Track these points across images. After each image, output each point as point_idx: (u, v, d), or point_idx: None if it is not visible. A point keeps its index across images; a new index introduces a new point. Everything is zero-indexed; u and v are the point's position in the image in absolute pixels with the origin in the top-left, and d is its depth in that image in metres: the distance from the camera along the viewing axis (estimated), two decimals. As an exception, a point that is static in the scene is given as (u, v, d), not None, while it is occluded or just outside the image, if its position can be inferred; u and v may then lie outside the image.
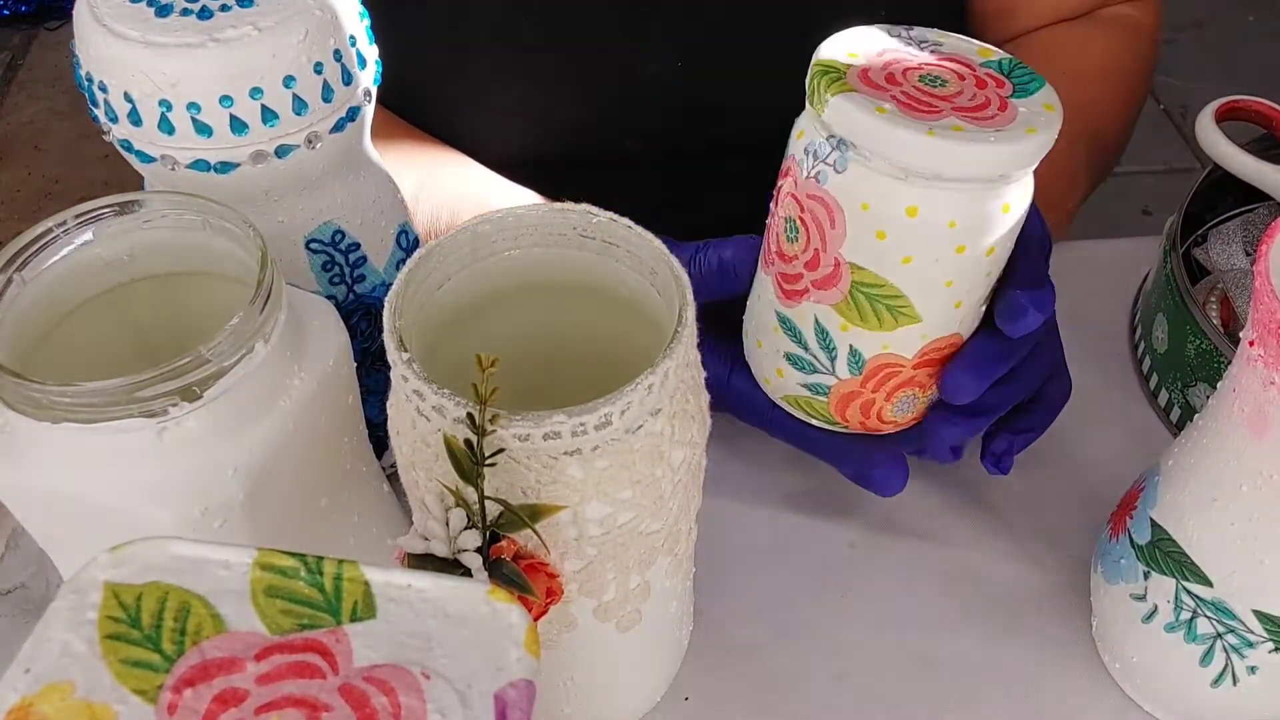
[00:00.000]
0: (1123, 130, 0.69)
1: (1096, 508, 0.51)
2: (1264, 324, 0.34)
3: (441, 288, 0.37)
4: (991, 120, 0.38)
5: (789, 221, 0.41)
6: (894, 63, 0.40)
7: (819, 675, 0.47)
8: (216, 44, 0.37)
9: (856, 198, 0.39)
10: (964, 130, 0.37)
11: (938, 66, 0.40)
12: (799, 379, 0.45)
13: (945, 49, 0.42)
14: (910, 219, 0.38)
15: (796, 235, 0.41)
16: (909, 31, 0.42)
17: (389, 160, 0.47)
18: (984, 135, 0.37)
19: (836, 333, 0.42)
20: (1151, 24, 0.71)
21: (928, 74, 0.39)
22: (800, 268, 0.41)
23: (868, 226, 0.39)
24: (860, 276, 0.40)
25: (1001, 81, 0.40)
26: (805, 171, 0.40)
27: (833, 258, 0.40)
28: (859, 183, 0.38)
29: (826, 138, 0.39)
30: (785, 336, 0.44)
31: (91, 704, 0.22)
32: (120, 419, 0.33)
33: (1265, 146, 0.60)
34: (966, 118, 0.37)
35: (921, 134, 0.36)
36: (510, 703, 0.22)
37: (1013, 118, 0.38)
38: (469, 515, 0.32)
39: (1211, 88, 0.98)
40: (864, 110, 0.37)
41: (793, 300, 0.43)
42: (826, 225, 0.40)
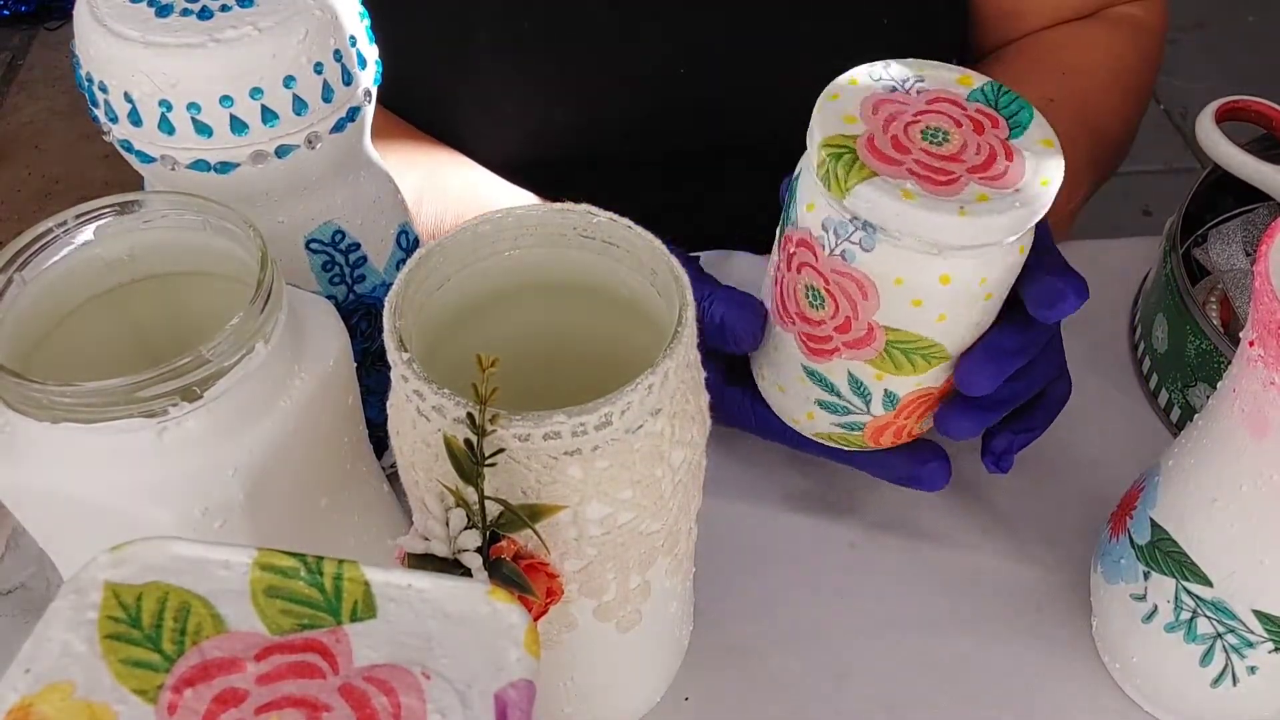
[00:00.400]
0: (1126, 130, 0.69)
1: (1096, 508, 0.51)
2: (1264, 324, 0.34)
3: (441, 288, 0.37)
4: (1005, 177, 0.38)
5: (812, 290, 0.41)
6: (892, 120, 0.39)
7: (819, 675, 0.47)
8: (216, 44, 0.37)
9: (889, 275, 0.39)
10: (989, 200, 0.37)
11: (933, 114, 0.40)
12: (832, 420, 0.45)
13: (928, 84, 0.41)
14: (944, 286, 0.39)
15: (823, 304, 0.41)
16: (887, 70, 0.41)
17: (391, 161, 0.47)
18: (1008, 201, 0.38)
19: (870, 381, 0.43)
20: (1157, 24, 0.71)
21: (928, 128, 0.39)
22: (830, 330, 0.42)
23: (902, 297, 0.39)
24: (895, 336, 0.41)
25: (995, 119, 0.40)
26: (828, 249, 0.39)
27: (866, 323, 0.41)
28: (890, 261, 0.39)
29: (850, 219, 0.39)
30: (815, 386, 0.44)
31: (91, 704, 0.22)
32: (120, 419, 0.33)
33: (1265, 146, 0.60)
34: (985, 182, 0.38)
35: (953, 215, 0.37)
36: (510, 703, 0.22)
37: (1022, 170, 0.39)
38: (469, 515, 0.32)
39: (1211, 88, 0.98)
40: (891, 197, 0.37)
41: (822, 358, 0.43)
42: (858, 297, 0.40)
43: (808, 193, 0.40)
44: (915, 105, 0.40)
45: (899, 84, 0.41)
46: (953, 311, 0.40)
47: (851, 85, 0.40)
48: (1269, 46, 2.01)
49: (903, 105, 0.40)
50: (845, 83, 0.41)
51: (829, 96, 0.40)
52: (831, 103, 0.40)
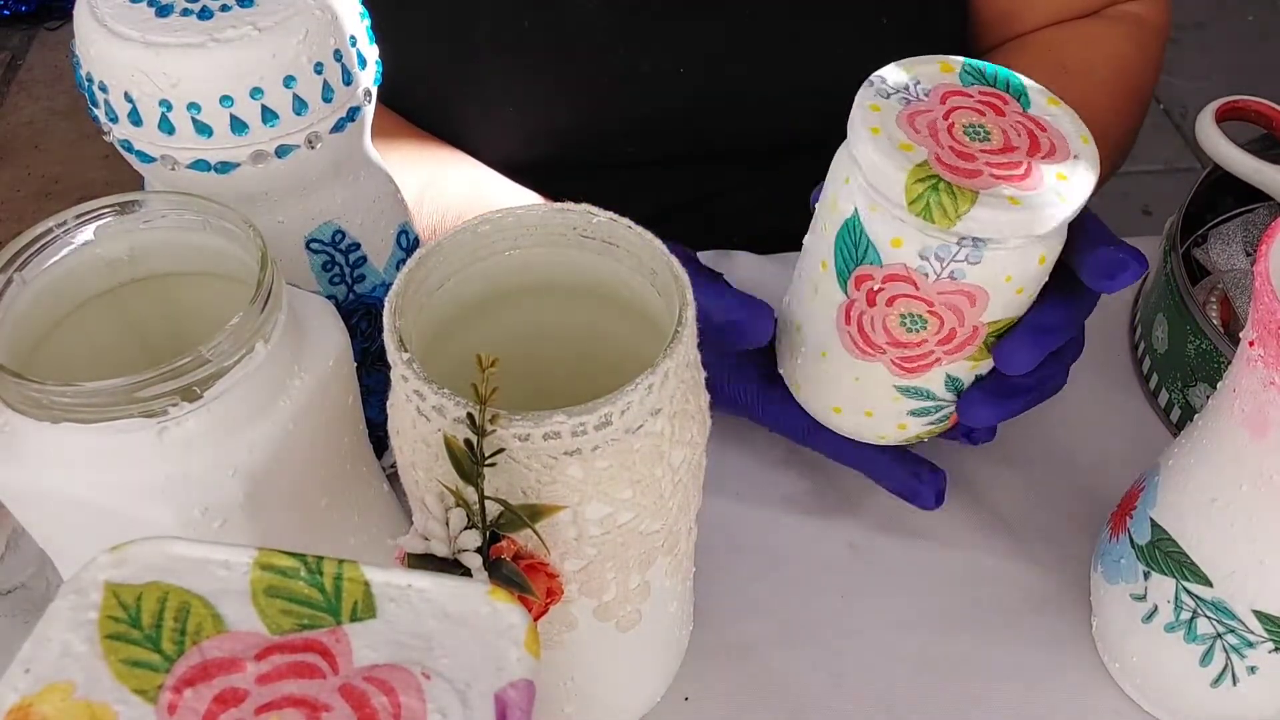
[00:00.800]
0: (1128, 128, 0.68)
1: (1096, 508, 0.51)
2: (1264, 324, 0.34)
3: (441, 288, 0.37)
4: (1056, 150, 0.40)
5: (911, 318, 0.41)
6: (934, 130, 0.39)
7: (819, 675, 0.47)
8: (217, 44, 0.37)
9: (1000, 277, 0.40)
10: (1066, 178, 0.39)
11: (958, 110, 0.40)
12: (924, 422, 0.46)
13: (924, 81, 0.41)
14: (1041, 265, 0.40)
15: (924, 325, 0.41)
16: (885, 84, 0.41)
17: (392, 160, 0.47)
18: (1079, 169, 0.39)
19: (965, 375, 0.44)
20: (1160, 22, 0.71)
21: (968, 126, 0.40)
22: (931, 346, 0.42)
23: (1009, 291, 0.40)
24: (994, 327, 0.42)
25: (1001, 95, 0.41)
26: (933, 275, 0.39)
27: (971, 327, 0.41)
28: (1000, 264, 0.39)
29: (955, 241, 0.39)
30: (909, 400, 0.45)
31: (91, 704, 0.22)
32: (120, 419, 0.33)
33: (1265, 146, 0.60)
34: (1047, 160, 0.39)
35: (1056, 203, 0.38)
36: (510, 703, 0.22)
37: (1063, 136, 0.40)
38: (469, 515, 0.32)
39: (1211, 88, 0.98)
40: (1002, 210, 0.37)
41: (918, 372, 0.43)
42: (966, 308, 0.40)
43: (888, 230, 0.39)
44: (937, 108, 0.40)
45: (905, 93, 0.41)
46: (1040, 284, 0.42)
47: (876, 112, 0.40)
48: (1269, 46, 2.01)
49: (929, 112, 0.40)
50: (869, 111, 0.40)
51: (871, 130, 0.39)
52: (879, 136, 0.39)
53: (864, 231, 0.40)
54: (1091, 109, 0.64)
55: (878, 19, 0.65)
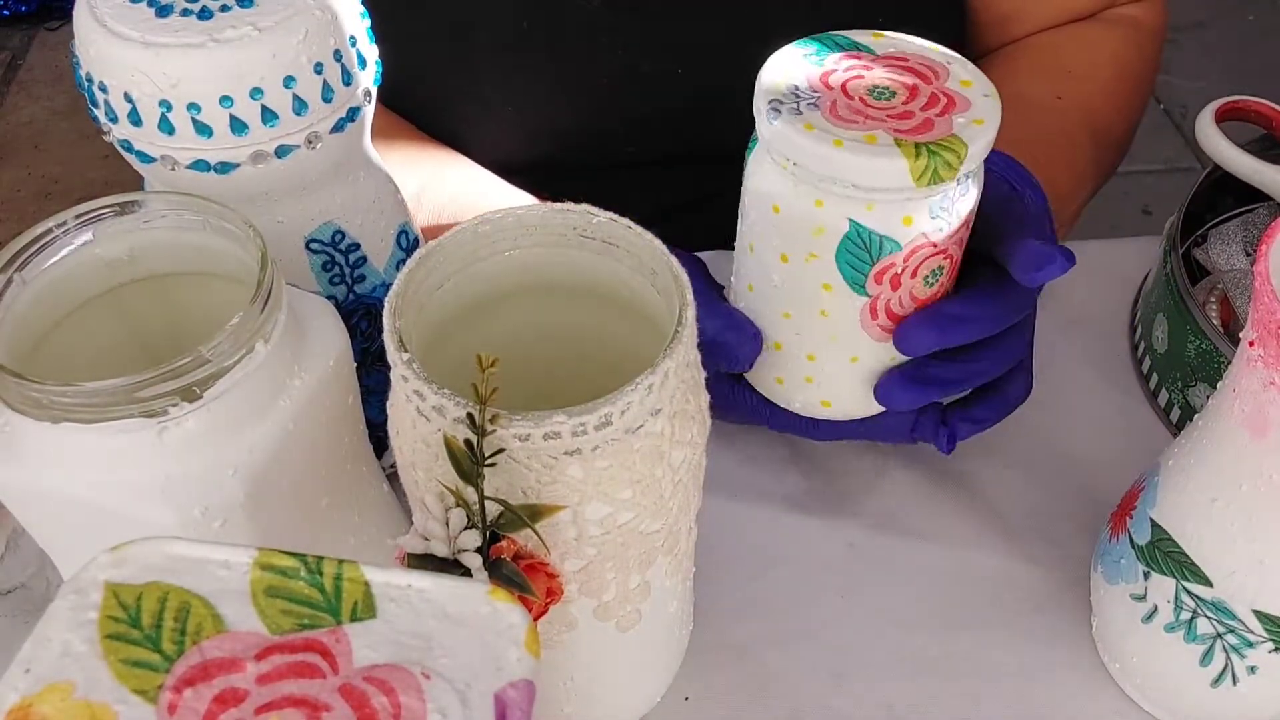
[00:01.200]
0: (1128, 130, 0.69)
1: (1096, 508, 0.51)
2: (1264, 324, 0.34)
3: (441, 288, 0.37)
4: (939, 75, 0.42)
5: (932, 273, 0.42)
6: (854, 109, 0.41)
7: (818, 675, 0.47)
8: (216, 44, 0.37)
9: (977, 190, 0.42)
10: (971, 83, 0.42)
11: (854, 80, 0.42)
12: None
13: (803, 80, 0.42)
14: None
15: (941, 272, 0.43)
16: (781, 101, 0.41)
17: (391, 161, 0.47)
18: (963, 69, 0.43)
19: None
20: (1157, 24, 0.71)
21: (872, 89, 0.42)
22: (947, 286, 0.44)
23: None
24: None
25: (860, 54, 0.44)
26: (946, 226, 0.41)
27: (963, 249, 0.44)
28: (980, 181, 0.42)
29: (956, 184, 0.40)
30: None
31: (91, 704, 0.22)
32: (120, 419, 0.33)
33: (1265, 146, 0.60)
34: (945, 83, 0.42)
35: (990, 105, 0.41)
36: (510, 703, 0.22)
37: (923, 59, 0.43)
38: (469, 515, 0.32)
39: (1211, 88, 0.98)
40: (981, 133, 0.39)
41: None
42: (964, 233, 0.43)
43: (892, 217, 0.40)
44: (828, 95, 0.41)
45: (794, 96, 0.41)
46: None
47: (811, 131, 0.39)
48: (1269, 46, 2.01)
49: (831, 101, 0.41)
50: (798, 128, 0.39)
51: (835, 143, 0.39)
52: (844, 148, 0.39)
53: (871, 232, 0.40)
54: (1092, 109, 0.65)
55: (876, 20, 0.65)
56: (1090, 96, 0.65)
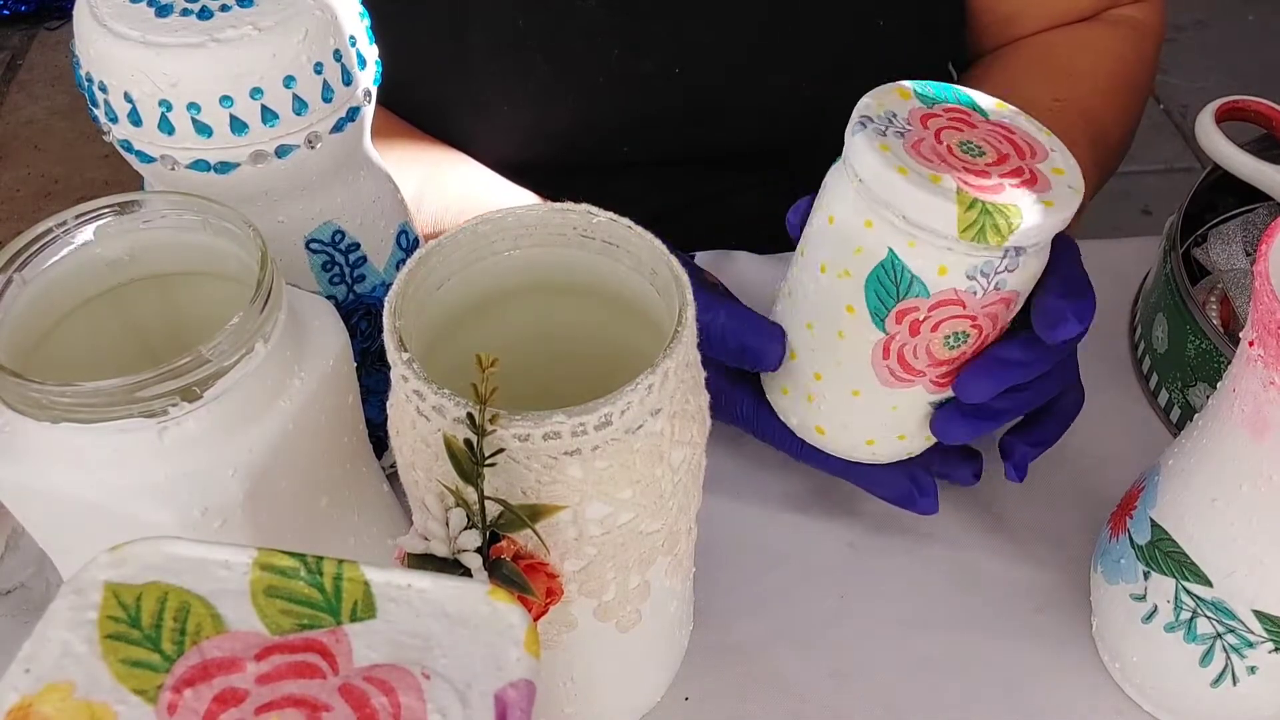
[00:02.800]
0: (1127, 131, 0.69)
1: (1096, 508, 0.51)
2: (1264, 324, 0.34)
3: (441, 288, 0.37)
4: (1035, 152, 0.42)
5: (956, 336, 0.42)
6: (937, 152, 0.40)
7: (819, 675, 0.47)
8: (216, 44, 0.37)
9: (1032, 275, 0.41)
10: (1064, 172, 0.41)
11: (944, 130, 0.42)
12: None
13: (894, 109, 0.42)
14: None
15: (965, 340, 0.42)
16: (872, 123, 0.41)
17: (391, 161, 0.47)
18: (1064, 160, 0.42)
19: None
20: (1156, 24, 0.71)
21: (962, 144, 0.41)
22: (968, 356, 0.43)
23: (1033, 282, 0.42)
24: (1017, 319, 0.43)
25: (965, 111, 0.43)
26: (980, 292, 0.40)
27: (1000, 327, 0.43)
28: (1032, 266, 0.41)
29: (1002, 255, 0.39)
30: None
31: (91, 704, 0.22)
32: (120, 419, 0.33)
33: (1265, 146, 0.60)
34: (1037, 161, 0.41)
35: (1073, 197, 0.40)
36: (510, 703, 0.22)
37: (1029, 136, 0.42)
38: (469, 515, 0.32)
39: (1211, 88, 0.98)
40: (1045, 215, 0.39)
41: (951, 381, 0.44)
42: (1003, 312, 0.42)
43: (930, 260, 0.40)
44: (924, 133, 0.41)
45: (889, 123, 0.41)
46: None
47: (885, 152, 0.39)
48: (1269, 46, 2.01)
49: (920, 139, 0.41)
50: (878, 151, 0.39)
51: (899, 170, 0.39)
52: (906, 176, 0.39)
53: (905, 268, 0.40)
54: (1092, 111, 0.65)
55: (875, 21, 0.65)
56: (1089, 98, 0.65)
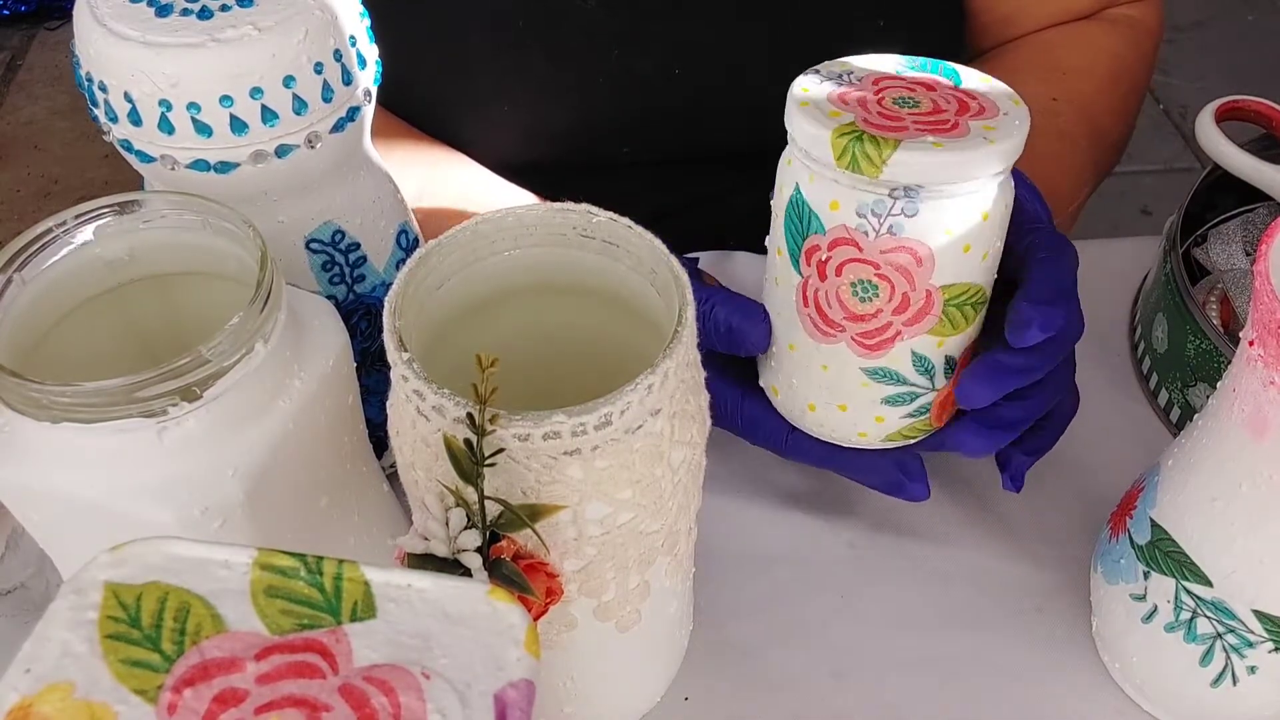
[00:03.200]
0: (1125, 129, 0.69)
1: (1096, 508, 0.51)
2: (1264, 324, 0.34)
3: (441, 288, 0.37)
4: (985, 111, 0.40)
5: (861, 285, 0.41)
6: (862, 102, 0.40)
7: (819, 675, 0.47)
8: (216, 44, 0.37)
9: (940, 230, 0.40)
10: (996, 127, 0.39)
11: (890, 89, 0.41)
12: (901, 413, 0.45)
13: (861, 73, 0.42)
14: (985, 221, 0.40)
15: (875, 293, 0.41)
16: (819, 74, 0.42)
17: (391, 161, 0.47)
18: (1009, 122, 0.40)
19: (933, 352, 0.43)
20: (1154, 23, 0.71)
21: (898, 98, 0.41)
22: (888, 317, 0.42)
23: (954, 248, 0.40)
24: (950, 293, 0.41)
25: (934, 80, 0.42)
26: (873, 233, 0.40)
27: (923, 291, 0.41)
28: (937, 216, 0.39)
29: (888, 194, 0.39)
30: (880, 385, 0.44)
31: (91, 704, 0.22)
32: (120, 419, 0.33)
33: (1265, 146, 0.60)
34: (976, 118, 0.40)
35: (984, 145, 0.38)
36: (510, 703, 0.22)
37: (993, 100, 0.41)
38: (469, 515, 0.32)
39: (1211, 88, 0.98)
40: (927, 152, 0.38)
41: (882, 350, 0.43)
42: (913, 266, 0.41)
43: (825, 193, 0.40)
44: (870, 89, 0.41)
45: (839, 80, 0.42)
46: (991, 247, 0.42)
47: (805, 93, 0.41)
48: (1269, 46, 2.01)
49: (861, 91, 0.41)
50: (800, 92, 0.41)
51: (800, 102, 0.40)
52: (807, 107, 0.40)
53: (805, 203, 0.41)
54: (1090, 109, 0.65)
55: (874, 21, 0.65)
56: (1087, 96, 0.65)
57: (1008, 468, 0.48)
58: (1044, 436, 0.48)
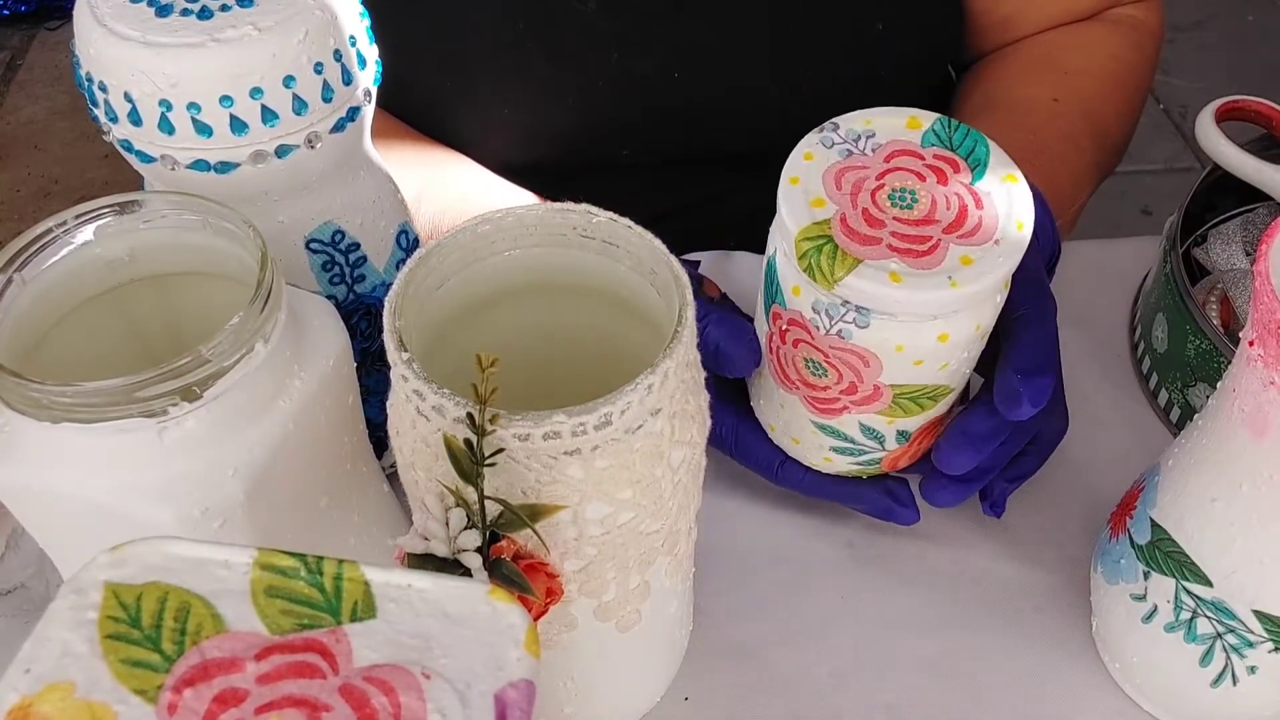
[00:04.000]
0: (1126, 129, 0.69)
1: (1096, 508, 0.51)
2: (1264, 324, 0.34)
3: (441, 288, 0.37)
4: (980, 230, 0.38)
5: (812, 363, 0.41)
6: (858, 190, 0.39)
7: (819, 675, 0.47)
8: (216, 44, 0.37)
9: (889, 344, 0.39)
10: (974, 262, 0.38)
11: (896, 171, 0.40)
12: (849, 460, 0.46)
13: (880, 136, 0.41)
14: (943, 343, 0.39)
15: (825, 373, 0.41)
16: (837, 132, 0.41)
17: (391, 163, 0.47)
18: (992, 258, 0.38)
19: (883, 427, 0.43)
20: (1155, 24, 0.71)
21: (894, 190, 0.39)
22: (836, 394, 0.42)
23: (904, 360, 0.40)
24: (901, 390, 0.41)
25: (955, 162, 0.40)
26: (823, 329, 0.40)
27: (872, 385, 0.41)
28: (887, 333, 0.39)
29: (841, 302, 0.39)
30: (828, 438, 0.45)
31: (91, 704, 0.22)
32: (120, 419, 0.33)
33: (1265, 146, 0.60)
34: (963, 241, 0.38)
35: (944, 288, 0.37)
36: (510, 703, 0.22)
37: (995, 217, 0.39)
38: (469, 515, 0.32)
39: (1211, 88, 0.98)
40: (880, 283, 0.37)
41: (830, 414, 0.43)
42: (860, 366, 0.40)
43: (790, 278, 0.40)
44: (875, 166, 0.40)
45: (853, 145, 0.41)
46: (954, 358, 0.41)
47: (808, 161, 0.40)
48: (1269, 46, 2.01)
49: (863, 170, 0.40)
50: (801, 159, 0.40)
51: (790, 181, 0.40)
52: (794, 188, 0.39)
53: (776, 273, 0.41)
54: (1093, 111, 0.65)
55: (874, 25, 0.65)
56: (1089, 98, 0.65)
57: (989, 496, 0.48)
58: (1026, 464, 0.48)
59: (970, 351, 0.41)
